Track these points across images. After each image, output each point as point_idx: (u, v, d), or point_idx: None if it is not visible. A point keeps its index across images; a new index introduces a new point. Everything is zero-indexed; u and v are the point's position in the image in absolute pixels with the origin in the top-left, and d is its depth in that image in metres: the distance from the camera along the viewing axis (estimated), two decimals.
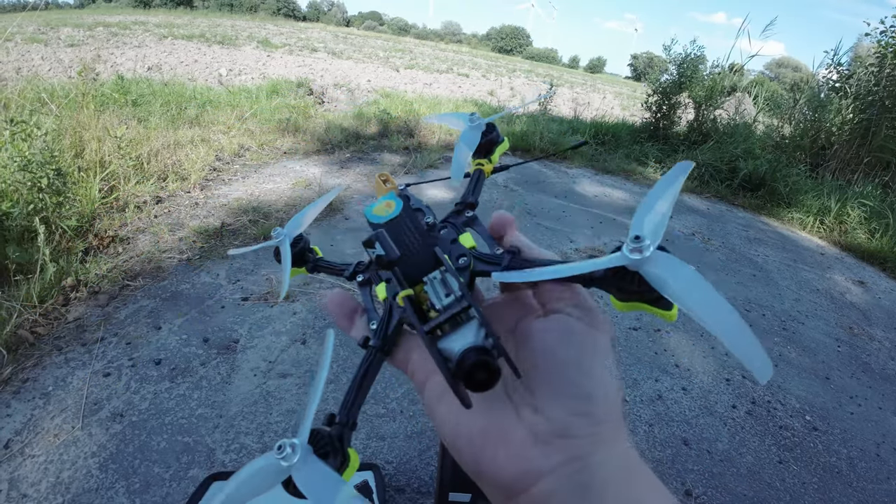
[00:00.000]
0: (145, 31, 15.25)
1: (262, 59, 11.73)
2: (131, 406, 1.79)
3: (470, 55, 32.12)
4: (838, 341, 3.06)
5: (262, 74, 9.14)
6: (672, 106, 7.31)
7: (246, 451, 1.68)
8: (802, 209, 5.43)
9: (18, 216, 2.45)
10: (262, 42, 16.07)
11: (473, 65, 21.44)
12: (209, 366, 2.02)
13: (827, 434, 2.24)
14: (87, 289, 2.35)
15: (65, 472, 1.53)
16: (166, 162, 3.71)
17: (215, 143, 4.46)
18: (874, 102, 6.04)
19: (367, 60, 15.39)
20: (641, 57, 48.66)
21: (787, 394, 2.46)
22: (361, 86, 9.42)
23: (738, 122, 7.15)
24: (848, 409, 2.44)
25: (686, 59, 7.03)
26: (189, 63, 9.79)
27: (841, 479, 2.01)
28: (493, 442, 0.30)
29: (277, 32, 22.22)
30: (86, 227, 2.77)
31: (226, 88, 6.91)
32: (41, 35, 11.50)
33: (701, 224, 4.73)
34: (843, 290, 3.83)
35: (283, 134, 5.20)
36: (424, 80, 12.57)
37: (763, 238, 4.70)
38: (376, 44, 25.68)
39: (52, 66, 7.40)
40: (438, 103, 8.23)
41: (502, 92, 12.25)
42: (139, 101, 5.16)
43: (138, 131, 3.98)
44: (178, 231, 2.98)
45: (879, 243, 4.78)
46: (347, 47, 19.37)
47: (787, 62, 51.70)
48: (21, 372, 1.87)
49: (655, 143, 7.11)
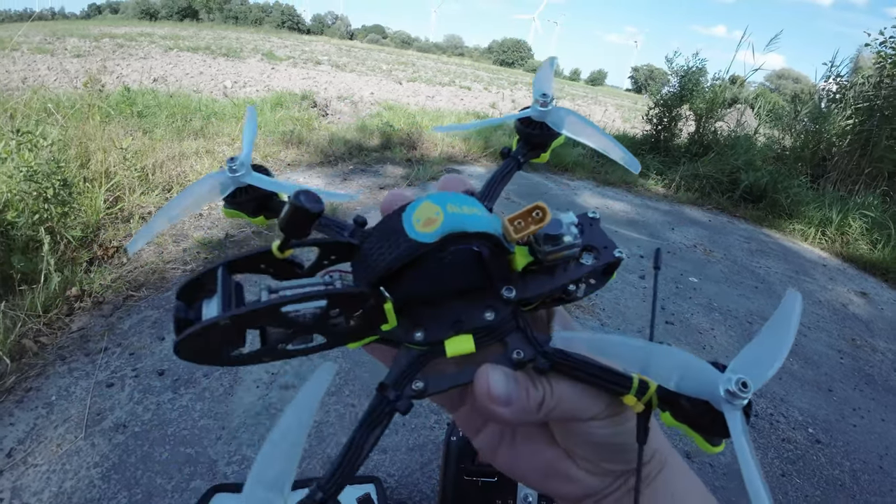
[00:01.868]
0: (151, 43, 15.41)
1: (267, 72, 11.83)
2: (134, 417, 1.80)
3: (472, 68, 32.36)
4: (841, 353, 3.05)
5: (267, 87, 9.21)
6: (673, 118, 7.34)
7: (248, 463, 1.68)
8: (804, 220, 5.44)
9: (23, 226, 2.47)
10: (267, 54, 16.21)
11: (475, 77, 21.59)
12: (212, 377, 2.03)
13: (830, 447, 2.24)
14: (91, 299, 2.36)
15: (67, 482, 1.53)
16: (171, 173, 3.74)
17: (220, 154, 4.49)
18: (874, 112, 6.07)
19: (370, 73, 15.51)
20: (642, 69, 49.00)
21: (789, 406, 2.46)
22: (364, 98, 9.49)
23: (739, 133, 7.18)
24: (851, 421, 2.43)
25: (688, 72, 7.07)
26: (194, 75, 9.88)
27: (844, 492, 2.00)
28: (554, 479, 0.33)
29: (282, 45, 22.43)
30: (90, 238, 2.79)
31: (230, 100, 6.97)
32: (47, 45, 11.62)
33: (703, 236, 4.74)
34: (845, 302, 3.82)
35: (286, 146, 5.23)
36: (427, 92, 12.65)
37: (765, 250, 4.70)
38: (379, 56, 25.89)
39: (58, 77, 7.47)
40: (441, 116, 8.28)
41: (504, 105, 12.32)
42: (145, 113, 5.20)
43: (143, 142, 4.01)
44: (182, 242, 3.00)
45: (881, 254, 4.78)
46: (351, 60, 19.53)
47: (788, 74, 51.96)
48: (24, 381, 1.88)
49: (657, 154, 7.13)
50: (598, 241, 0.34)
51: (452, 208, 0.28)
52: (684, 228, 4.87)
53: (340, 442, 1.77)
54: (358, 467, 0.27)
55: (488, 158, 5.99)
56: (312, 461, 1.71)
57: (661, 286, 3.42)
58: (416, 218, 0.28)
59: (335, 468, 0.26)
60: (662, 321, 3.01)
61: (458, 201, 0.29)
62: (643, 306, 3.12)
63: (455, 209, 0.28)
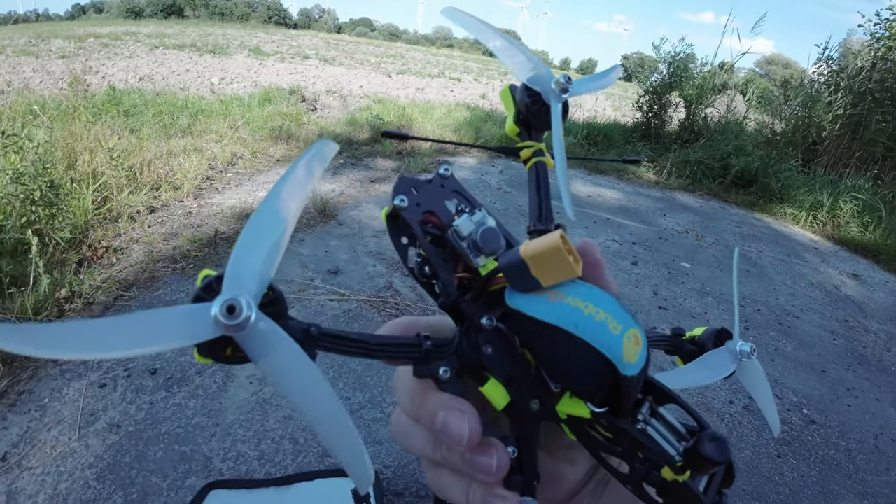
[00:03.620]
0: (136, 42, 15.25)
1: (254, 68, 11.73)
2: (127, 416, 1.79)
3: (461, 59, 32.20)
4: (834, 334, 3.07)
5: (254, 82, 9.13)
6: (663, 105, 7.35)
7: (243, 459, 1.67)
8: (795, 204, 5.46)
9: (11, 229, 2.44)
10: (254, 50, 16.07)
11: (465, 69, 21.50)
12: (205, 374, 2.02)
13: (825, 427, 2.25)
14: (82, 300, 2.34)
15: (62, 484, 1.52)
16: (159, 172, 3.71)
17: (208, 151, 4.45)
18: (865, 95, 6.08)
19: (358, 66, 15.42)
20: (632, 57, 48.86)
21: (783, 388, 2.47)
22: (353, 92, 9.43)
23: (729, 119, 7.19)
24: (845, 401, 2.45)
25: (676, 59, 7.07)
26: (181, 73, 9.79)
27: (840, 472, 2.02)
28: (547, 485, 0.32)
29: (269, 40, 22.24)
30: (79, 239, 2.76)
31: (218, 97, 6.91)
32: (32, 47, 11.49)
33: (694, 221, 4.75)
34: (837, 284, 3.85)
35: (275, 141, 5.20)
36: (416, 84, 12.59)
37: (757, 234, 4.72)
38: (368, 50, 25.72)
39: (43, 79, 7.38)
40: (431, 108, 8.24)
41: (494, 95, 12.28)
42: (131, 112, 5.15)
43: (130, 142, 3.97)
44: (171, 240, 2.97)
45: (872, 236, 4.81)
46: (339, 54, 19.40)
47: (777, 59, 52.00)
48: (17, 384, 1.86)
49: (647, 142, 7.14)
50: None
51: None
52: (676, 214, 4.88)
53: None
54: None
55: (480, 150, 5.97)
56: (308, 455, 1.71)
57: (652, 271, 3.43)
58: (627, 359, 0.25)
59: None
60: (655, 306, 3.02)
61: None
62: (635, 292, 3.13)
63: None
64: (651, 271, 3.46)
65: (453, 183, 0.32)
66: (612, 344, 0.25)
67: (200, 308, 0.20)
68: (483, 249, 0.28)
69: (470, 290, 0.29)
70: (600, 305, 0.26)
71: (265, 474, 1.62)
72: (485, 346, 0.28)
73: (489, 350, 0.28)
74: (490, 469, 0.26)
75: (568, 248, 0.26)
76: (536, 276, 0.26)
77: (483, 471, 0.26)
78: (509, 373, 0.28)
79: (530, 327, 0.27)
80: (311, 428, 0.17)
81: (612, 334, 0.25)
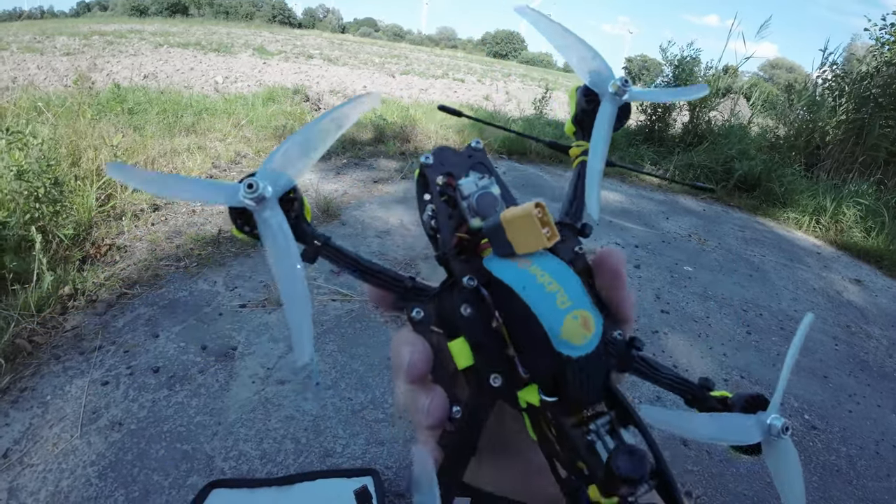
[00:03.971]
0: (141, 40, 15.27)
1: (258, 67, 11.74)
2: (130, 414, 1.79)
3: (465, 60, 32.22)
4: (836, 340, 3.07)
5: (259, 82, 9.15)
6: (667, 108, 7.34)
7: (245, 458, 1.67)
8: (798, 209, 5.45)
9: (15, 225, 2.45)
10: (258, 49, 16.09)
11: (469, 70, 21.49)
12: (207, 373, 2.02)
13: (826, 433, 2.25)
14: (85, 297, 2.34)
15: (64, 481, 1.53)
16: (163, 169, 3.71)
17: (212, 150, 4.46)
18: (868, 100, 6.07)
19: (362, 66, 15.43)
20: (636, 60, 48.85)
21: (785, 393, 2.46)
22: (357, 92, 9.43)
23: (733, 123, 7.18)
24: (846, 407, 2.45)
25: (682, 62, 7.07)
26: (185, 71, 9.80)
27: (841, 478, 2.01)
28: (536, 476, 0.32)
29: (273, 40, 22.26)
30: (83, 236, 2.77)
31: (222, 96, 6.92)
32: (37, 44, 11.50)
33: (697, 225, 4.75)
34: (839, 289, 3.84)
35: (279, 140, 5.19)
36: (420, 85, 12.59)
37: (759, 238, 4.71)
38: (372, 50, 25.73)
39: (48, 76, 7.40)
40: (435, 109, 8.24)
41: (498, 97, 12.28)
42: (135, 110, 5.16)
43: (134, 139, 3.98)
44: (175, 239, 2.98)
45: (875, 241, 4.80)
46: (343, 54, 19.41)
47: (782, 63, 51.94)
48: (19, 381, 1.87)
49: (651, 145, 7.13)
50: None
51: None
52: (679, 218, 4.87)
53: (338, 435, 1.77)
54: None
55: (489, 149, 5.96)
56: (310, 455, 1.71)
57: (655, 275, 3.43)
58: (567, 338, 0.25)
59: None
60: (658, 309, 3.02)
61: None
62: (638, 296, 3.13)
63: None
64: (653, 275, 3.46)
65: (481, 156, 0.34)
66: (551, 314, 0.25)
67: (236, 185, 0.27)
68: (478, 211, 0.30)
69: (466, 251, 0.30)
70: (558, 279, 0.26)
71: (267, 474, 1.63)
72: (463, 305, 0.28)
73: (467, 310, 0.28)
74: (422, 409, 0.27)
75: (545, 219, 0.26)
76: (511, 242, 0.27)
77: (417, 408, 0.28)
78: (479, 339, 0.28)
79: (499, 291, 0.27)
80: (281, 299, 0.21)
81: (557, 307, 0.25)
